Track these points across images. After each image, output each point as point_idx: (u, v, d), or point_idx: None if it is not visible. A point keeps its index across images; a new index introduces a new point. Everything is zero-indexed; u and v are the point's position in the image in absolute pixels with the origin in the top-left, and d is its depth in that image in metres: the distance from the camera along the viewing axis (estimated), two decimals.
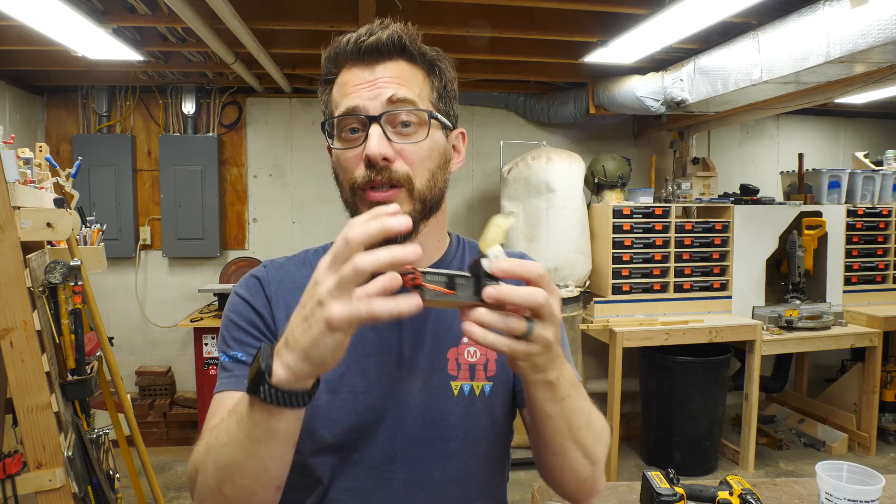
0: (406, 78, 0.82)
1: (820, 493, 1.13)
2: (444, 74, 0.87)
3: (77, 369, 1.80)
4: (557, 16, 2.99)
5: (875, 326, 3.71)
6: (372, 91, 0.80)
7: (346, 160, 0.82)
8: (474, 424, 0.87)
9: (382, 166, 0.78)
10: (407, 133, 0.81)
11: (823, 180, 4.04)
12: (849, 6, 2.13)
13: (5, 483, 1.59)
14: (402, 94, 0.80)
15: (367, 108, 0.79)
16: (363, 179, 0.79)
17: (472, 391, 0.86)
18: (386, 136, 0.79)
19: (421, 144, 0.81)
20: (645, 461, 3.78)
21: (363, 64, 0.81)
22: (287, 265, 0.93)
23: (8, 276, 1.55)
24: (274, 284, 0.89)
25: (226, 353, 0.86)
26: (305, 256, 0.95)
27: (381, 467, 0.84)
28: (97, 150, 3.88)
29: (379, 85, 0.80)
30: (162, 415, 3.93)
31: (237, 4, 2.41)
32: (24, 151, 2.03)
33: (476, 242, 0.99)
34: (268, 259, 0.96)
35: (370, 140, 0.78)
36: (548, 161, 3.52)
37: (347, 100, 0.80)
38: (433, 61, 0.85)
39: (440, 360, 0.87)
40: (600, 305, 3.60)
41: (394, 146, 0.79)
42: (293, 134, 4.24)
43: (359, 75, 0.81)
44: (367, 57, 0.81)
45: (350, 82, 0.81)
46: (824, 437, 3.92)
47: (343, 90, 0.82)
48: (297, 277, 0.90)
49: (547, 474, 0.85)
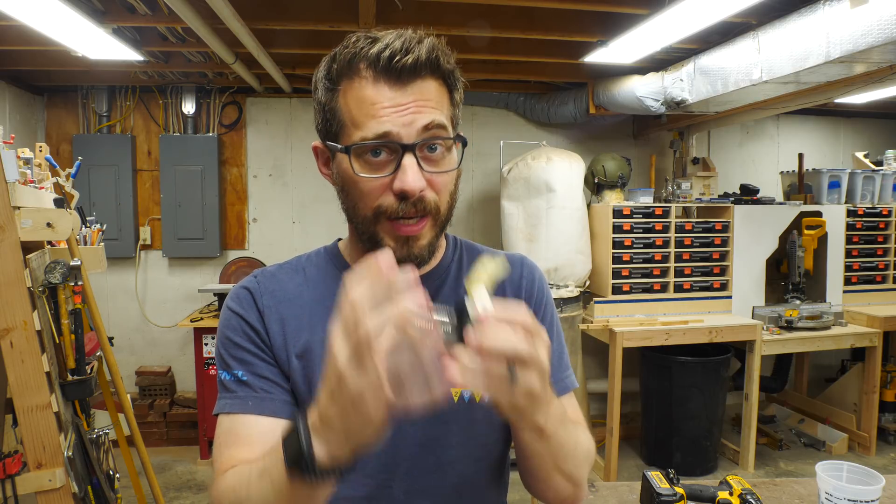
0: (436, 100, 0.76)
1: (820, 493, 1.13)
2: (461, 85, 0.82)
3: (77, 369, 1.80)
4: (557, 16, 2.99)
5: (875, 326, 3.71)
6: (405, 116, 0.73)
7: (371, 188, 0.76)
8: (475, 431, 0.86)
9: (417, 198, 0.75)
10: (435, 160, 0.77)
11: (823, 180, 4.04)
12: (849, 6, 2.13)
13: (5, 483, 1.59)
14: (438, 119, 0.75)
15: (401, 136, 0.73)
16: (395, 212, 0.75)
17: (473, 398, 0.85)
18: (419, 167, 0.74)
19: (449, 173, 0.78)
20: (645, 461, 3.78)
21: (393, 82, 0.74)
22: (279, 274, 0.91)
23: (8, 276, 1.55)
24: (265, 296, 0.87)
25: (227, 371, 0.83)
26: (298, 263, 0.93)
27: (382, 475, 0.83)
28: (97, 150, 3.88)
29: (412, 110, 0.73)
30: (162, 415, 3.93)
31: (237, 4, 2.41)
32: (24, 151, 2.03)
33: (475, 245, 0.98)
34: (258, 269, 0.93)
35: (406, 173, 0.73)
36: (548, 161, 3.52)
37: (377, 123, 0.73)
38: (457, 77, 0.80)
39: None
40: (600, 305, 3.60)
41: (424, 175, 0.75)
42: (293, 134, 4.24)
43: (388, 95, 0.73)
44: (400, 76, 0.73)
45: (378, 102, 0.73)
46: (824, 437, 3.92)
47: (369, 110, 0.74)
48: (290, 287, 0.88)
49: (530, 489, 0.86)
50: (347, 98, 0.76)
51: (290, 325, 0.85)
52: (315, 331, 0.83)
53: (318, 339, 0.82)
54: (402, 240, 0.78)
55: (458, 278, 0.91)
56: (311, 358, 0.83)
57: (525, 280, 0.94)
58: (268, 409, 0.80)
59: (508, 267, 0.58)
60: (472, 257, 0.95)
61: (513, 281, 0.93)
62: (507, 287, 0.93)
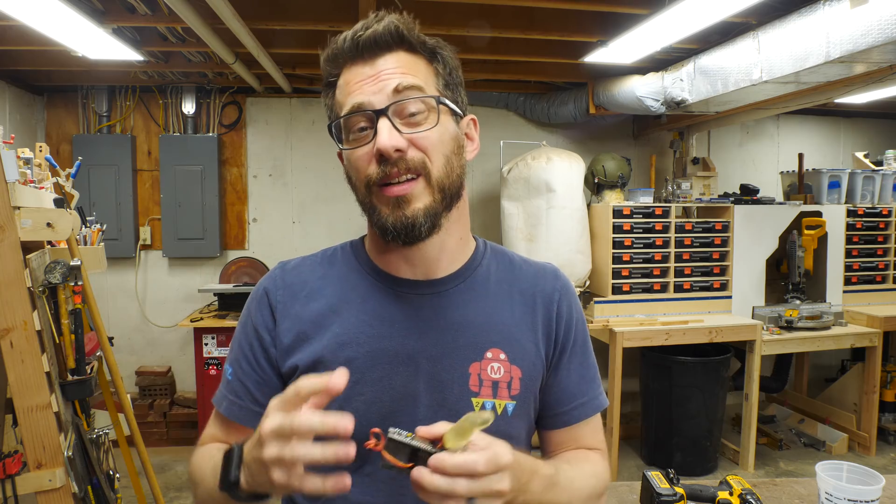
0: (409, 67, 0.79)
1: (820, 493, 1.13)
2: (448, 61, 0.84)
3: (77, 369, 1.80)
4: (557, 16, 2.99)
5: (875, 326, 3.71)
6: (375, 85, 0.77)
7: (357, 159, 0.79)
8: None
9: (396, 158, 0.76)
10: (416, 122, 0.78)
11: (823, 180, 4.04)
12: (849, 6, 2.13)
13: (5, 483, 1.59)
14: (407, 81, 0.77)
15: (373, 103, 0.76)
16: (378, 176, 0.77)
17: (495, 409, 0.83)
18: (395, 128, 0.76)
19: (432, 131, 0.78)
20: (645, 461, 3.78)
21: (363, 60, 0.79)
22: (301, 267, 0.91)
23: (8, 276, 1.55)
24: (281, 292, 0.88)
25: (227, 364, 0.91)
26: (323, 256, 0.93)
27: (395, 482, 0.81)
28: (97, 150, 3.88)
29: (382, 77, 0.77)
30: (162, 415, 3.93)
31: (237, 4, 2.41)
32: (24, 151, 2.03)
33: (505, 250, 0.96)
34: (284, 260, 0.94)
35: (380, 133, 0.75)
36: (548, 161, 3.52)
37: (351, 98, 0.78)
38: (434, 49, 0.82)
39: (461, 375, 0.83)
40: (600, 305, 3.60)
41: (404, 136, 0.76)
42: (293, 134, 4.24)
43: (360, 72, 0.79)
44: (365, 52, 0.78)
45: (352, 80, 0.79)
46: (824, 437, 3.92)
47: (346, 89, 0.79)
48: (311, 280, 0.89)
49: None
50: (336, 90, 0.82)
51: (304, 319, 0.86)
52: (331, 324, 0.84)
53: (333, 332, 0.84)
54: (393, 202, 0.78)
55: (485, 284, 0.89)
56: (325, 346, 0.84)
57: (558, 295, 0.92)
58: (234, 413, 0.88)
59: (489, 419, 0.64)
60: (503, 263, 0.93)
61: (545, 294, 0.91)
62: (538, 299, 0.90)
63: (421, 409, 0.82)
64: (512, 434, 0.84)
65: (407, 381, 0.82)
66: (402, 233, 0.78)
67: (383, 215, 0.78)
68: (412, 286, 0.86)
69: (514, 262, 0.94)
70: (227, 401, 0.88)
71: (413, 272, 0.86)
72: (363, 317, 0.84)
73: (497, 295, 0.88)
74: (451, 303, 0.86)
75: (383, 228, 0.79)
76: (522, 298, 0.90)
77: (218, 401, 0.90)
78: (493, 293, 0.88)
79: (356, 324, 0.84)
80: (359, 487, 0.82)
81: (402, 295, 0.85)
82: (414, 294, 0.85)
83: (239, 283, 3.96)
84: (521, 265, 0.94)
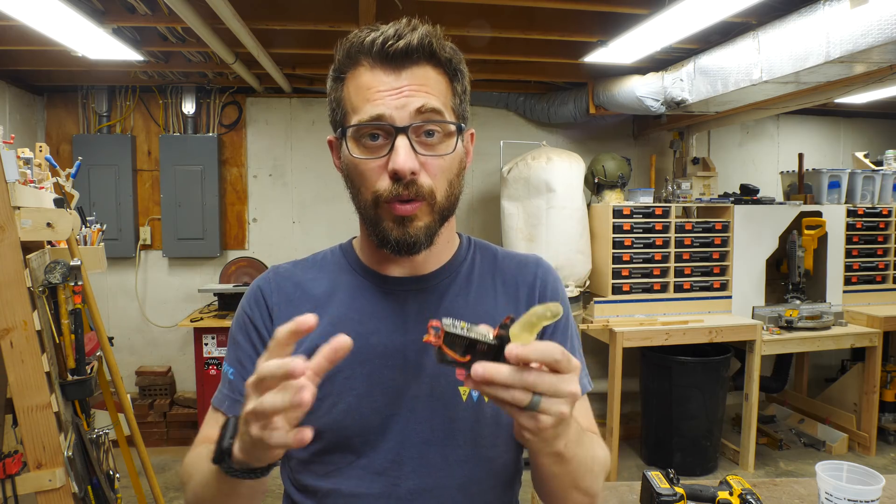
0: (432, 86, 0.78)
1: (820, 493, 1.13)
2: (464, 77, 0.84)
3: (77, 369, 1.80)
4: (557, 16, 2.99)
5: (875, 326, 3.71)
6: (399, 99, 0.76)
7: (368, 170, 0.79)
8: (483, 431, 0.85)
9: (410, 180, 0.76)
10: (431, 144, 0.78)
11: (823, 180, 4.04)
12: (849, 6, 2.13)
13: (5, 483, 1.59)
14: (431, 104, 0.77)
15: (394, 119, 0.76)
16: (389, 193, 0.77)
17: (481, 397, 0.84)
18: (412, 148, 0.76)
19: (444, 158, 0.79)
20: (645, 461, 3.78)
21: (388, 68, 0.77)
22: (294, 270, 0.93)
23: (8, 276, 1.55)
24: (275, 295, 0.90)
25: (227, 364, 0.91)
26: (314, 260, 0.95)
27: (388, 473, 0.83)
28: (97, 150, 3.88)
29: (406, 93, 0.76)
30: (162, 415, 3.93)
31: (237, 4, 2.41)
32: (24, 151, 2.03)
33: (490, 245, 0.98)
34: (275, 264, 0.96)
35: (398, 153, 0.75)
36: (548, 161, 3.52)
37: (371, 106, 0.76)
38: (457, 68, 0.82)
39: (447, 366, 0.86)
40: (600, 305, 3.60)
41: (419, 158, 0.77)
42: (293, 134, 4.24)
43: (383, 80, 0.77)
44: (394, 61, 0.77)
45: (374, 87, 0.77)
46: (824, 437, 3.92)
47: (365, 94, 0.77)
48: (303, 282, 0.91)
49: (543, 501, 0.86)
50: (349, 87, 0.80)
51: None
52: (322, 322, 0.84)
53: (323, 329, 0.83)
54: (399, 220, 0.79)
55: (468, 276, 0.91)
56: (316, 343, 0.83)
57: (539, 281, 0.93)
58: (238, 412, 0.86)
59: (559, 312, 0.59)
60: (486, 257, 0.95)
61: (526, 282, 0.93)
62: (521, 288, 0.92)
63: (411, 402, 0.84)
64: (500, 422, 0.86)
65: (396, 374, 0.84)
66: (404, 248, 0.80)
67: (387, 229, 0.80)
68: (398, 283, 0.88)
69: (498, 255, 0.96)
70: (229, 400, 0.88)
71: (401, 271, 0.89)
72: (352, 314, 0.87)
73: (480, 287, 0.91)
74: (435, 296, 0.88)
75: (385, 241, 0.81)
76: (505, 289, 0.92)
77: (219, 401, 0.90)
78: (477, 285, 0.91)
79: (345, 321, 0.86)
80: (353, 480, 0.84)
81: (389, 292, 0.88)
82: (400, 290, 0.88)
83: (239, 283, 3.96)
84: (504, 258, 0.96)
